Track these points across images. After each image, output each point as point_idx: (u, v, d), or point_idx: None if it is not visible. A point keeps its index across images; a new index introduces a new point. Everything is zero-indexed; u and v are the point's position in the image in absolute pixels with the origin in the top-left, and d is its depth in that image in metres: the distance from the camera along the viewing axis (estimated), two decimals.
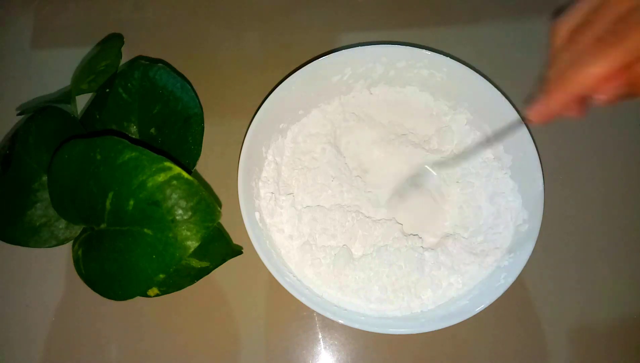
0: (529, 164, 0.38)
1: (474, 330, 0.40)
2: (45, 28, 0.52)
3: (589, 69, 0.24)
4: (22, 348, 0.40)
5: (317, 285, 0.38)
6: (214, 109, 0.46)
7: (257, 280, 0.41)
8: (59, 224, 0.39)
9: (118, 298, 0.34)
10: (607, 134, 0.46)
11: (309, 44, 0.49)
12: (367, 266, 0.38)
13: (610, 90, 0.24)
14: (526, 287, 0.41)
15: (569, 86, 0.25)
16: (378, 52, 0.42)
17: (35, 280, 0.42)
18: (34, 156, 0.39)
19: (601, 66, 0.24)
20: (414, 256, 0.39)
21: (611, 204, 0.44)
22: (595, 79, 0.24)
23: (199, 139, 0.40)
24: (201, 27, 0.51)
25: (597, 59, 0.24)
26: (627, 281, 0.41)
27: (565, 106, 0.26)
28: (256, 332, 0.40)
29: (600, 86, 0.24)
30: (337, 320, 0.34)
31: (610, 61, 0.24)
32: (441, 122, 0.44)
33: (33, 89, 0.48)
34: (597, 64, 0.24)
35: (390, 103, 0.45)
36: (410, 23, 0.51)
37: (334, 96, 0.44)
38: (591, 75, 0.24)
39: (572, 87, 0.25)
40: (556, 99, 0.26)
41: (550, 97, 0.26)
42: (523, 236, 0.37)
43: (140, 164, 0.32)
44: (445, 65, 0.41)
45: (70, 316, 0.41)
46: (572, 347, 0.39)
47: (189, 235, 0.32)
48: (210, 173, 0.44)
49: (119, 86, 0.42)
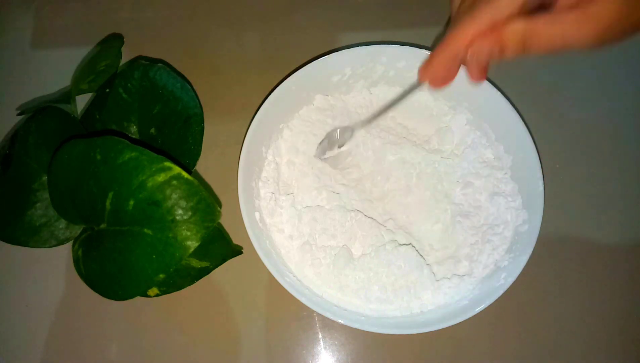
0: (529, 164, 0.38)
1: (474, 330, 0.40)
2: (45, 28, 0.52)
3: (460, 30, 0.26)
4: (22, 348, 0.40)
5: (317, 285, 0.38)
6: (214, 109, 0.46)
7: (257, 280, 0.41)
8: (59, 224, 0.39)
9: (118, 298, 0.34)
10: (607, 134, 0.46)
11: (309, 44, 0.49)
12: (367, 266, 0.38)
13: (480, 50, 0.26)
14: (526, 287, 0.41)
15: (447, 48, 0.27)
16: (378, 52, 0.42)
17: (35, 280, 0.42)
18: (34, 156, 0.39)
19: (470, 28, 0.25)
20: (413, 256, 0.39)
21: (611, 204, 0.44)
22: (465, 40, 0.26)
23: (199, 139, 0.40)
24: (201, 27, 0.51)
25: (468, 22, 0.26)
26: (627, 281, 0.41)
27: (447, 68, 0.28)
28: (256, 332, 0.40)
29: (472, 45, 0.26)
30: (337, 320, 0.34)
31: (477, 22, 0.25)
32: (441, 122, 0.44)
33: (33, 89, 0.48)
34: (467, 26, 0.26)
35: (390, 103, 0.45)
36: (410, 23, 0.51)
37: (334, 96, 0.44)
38: (463, 36, 0.26)
39: (449, 49, 0.27)
40: (438, 61, 0.28)
41: (432, 59, 0.28)
42: (523, 236, 0.37)
43: (140, 164, 0.32)
44: None
45: (70, 317, 0.41)
46: (572, 347, 0.39)
47: (189, 235, 0.32)
48: (210, 173, 0.44)
49: (119, 86, 0.42)
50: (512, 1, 0.24)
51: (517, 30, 0.24)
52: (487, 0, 0.25)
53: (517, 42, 0.25)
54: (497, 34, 0.25)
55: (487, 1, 0.25)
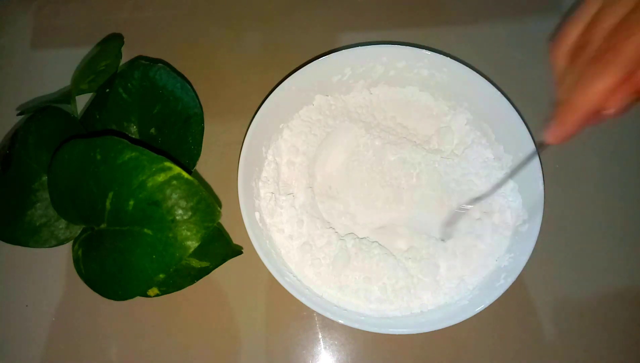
0: (529, 164, 0.38)
1: (474, 330, 0.40)
2: (45, 28, 0.52)
3: (593, 88, 0.25)
4: (22, 348, 0.40)
5: (317, 285, 0.38)
6: (214, 109, 0.46)
7: (257, 280, 0.41)
8: (59, 224, 0.39)
9: (118, 298, 0.34)
10: (607, 134, 0.46)
11: (309, 44, 0.49)
12: (367, 266, 0.38)
13: (617, 102, 0.25)
14: (526, 287, 0.41)
15: (578, 107, 0.26)
16: (378, 52, 0.42)
17: (35, 280, 0.42)
18: (34, 156, 0.39)
19: (603, 83, 0.25)
20: (413, 256, 0.39)
21: (611, 204, 0.44)
22: (600, 95, 0.25)
23: (199, 139, 0.40)
24: (201, 27, 0.51)
25: (599, 77, 0.25)
26: (627, 281, 0.41)
27: (579, 125, 0.27)
28: (256, 332, 0.40)
29: (607, 100, 0.25)
30: (337, 320, 0.34)
31: (611, 76, 0.25)
32: (441, 122, 0.44)
33: (33, 89, 0.48)
34: (600, 82, 0.25)
35: (390, 103, 0.45)
36: (410, 23, 0.51)
37: (334, 96, 0.44)
38: (596, 93, 0.25)
39: (581, 108, 0.26)
40: (569, 121, 0.27)
41: (563, 120, 0.27)
42: (523, 236, 0.37)
43: (140, 164, 0.32)
44: (445, 65, 0.41)
45: (70, 317, 0.41)
46: (572, 347, 0.39)
47: (189, 235, 0.32)
48: (210, 173, 0.44)
49: (119, 86, 0.42)
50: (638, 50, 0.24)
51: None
52: (611, 55, 0.25)
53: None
54: (633, 81, 0.25)
55: (613, 57, 0.25)
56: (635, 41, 0.24)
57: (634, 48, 0.24)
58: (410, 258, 0.39)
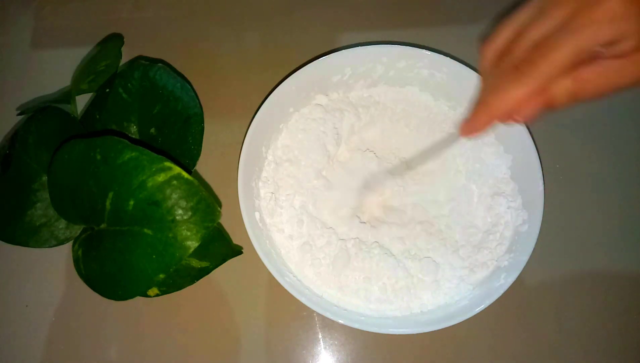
0: (529, 164, 0.38)
1: (474, 330, 0.40)
2: (45, 28, 0.52)
3: (507, 94, 0.27)
4: (22, 348, 0.40)
5: (317, 285, 0.38)
6: (214, 109, 0.46)
7: (257, 280, 0.41)
8: (59, 224, 0.39)
9: (118, 298, 0.34)
10: (607, 135, 0.46)
11: (309, 44, 0.49)
12: (367, 266, 0.38)
13: (527, 110, 0.27)
14: (526, 287, 0.41)
15: (490, 109, 0.28)
16: (378, 52, 0.42)
17: (35, 280, 0.42)
18: (34, 156, 0.39)
19: (517, 92, 0.26)
20: (413, 256, 0.39)
21: (611, 204, 0.44)
22: (512, 102, 0.27)
23: (199, 139, 0.40)
24: (201, 27, 0.51)
25: (514, 85, 0.26)
26: (627, 280, 0.41)
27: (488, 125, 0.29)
28: (256, 332, 0.40)
29: (519, 107, 0.27)
30: (337, 320, 0.34)
31: (525, 87, 0.26)
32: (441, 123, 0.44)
33: (33, 89, 0.48)
34: (514, 90, 0.27)
35: (390, 103, 0.45)
36: (410, 23, 0.51)
37: (334, 96, 0.44)
38: (509, 99, 0.27)
39: (493, 111, 0.28)
40: (480, 120, 0.29)
41: (474, 118, 0.29)
42: (523, 236, 0.37)
43: (140, 164, 0.32)
44: (445, 65, 0.41)
45: (70, 317, 0.41)
46: (572, 347, 0.39)
47: (189, 235, 0.32)
48: (210, 173, 0.44)
49: (119, 86, 0.42)
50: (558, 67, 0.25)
51: (566, 87, 0.26)
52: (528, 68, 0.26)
53: (566, 96, 0.26)
54: (545, 94, 0.26)
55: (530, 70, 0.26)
56: (552, 59, 0.25)
57: (550, 65, 0.25)
58: (410, 258, 0.39)
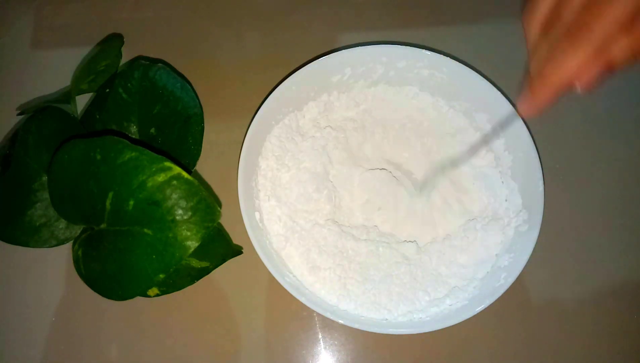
0: (529, 164, 0.38)
1: (474, 330, 0.40)
2: (45, 28, 0.52)
3: (565, 63, 0.25)
4: (22, 348, 0.40)
5: (317, 286, 0.38)
6: (214, 109, 0.46)
7: (257, 280, 0.41)
8: (59, 224, 0.39)
9: (118, 298, 0.34)
10: (607, 135, 0.46)
11: (309, 44, 0.49)
12: (367, 267, 0.38)
13: (588, 76, 0.26)
14: (526, 287, 0.41)
15: (549, 82, 0.27)
16: (378, 52, 0.42)
17: (35, 280, 0.42)
18: (34, 156, 0.39)
19: (575, 59, 0.25)
20: (414, 256, 0.39)
21: (611, 204, 0.44)
22: (572, 70, 0.25)
23: (199, 139, 0.40)
24: (201, 27, 0.51)
25: (571, 53, 0.25)
26: (627, 281, 0.41)
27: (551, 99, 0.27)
28: (256, 332, 0.40)
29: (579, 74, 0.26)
30: (337, 320, 0.34)
31: (582, 52, 0.25)
32: (441, 123, 0.44)
33: (33, 89, 0.48)
34: (572, 57, 0.25)
35: (390, 103, 0.45)
36: (410, 23, 0.51)
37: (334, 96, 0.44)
38: (568, 68, 0.25)
39: (552, 82, 0.27)
40: (541, 94, 0.27)
41: (535, 94, 0.28)
42: (523, 236, 0.37)
43: (140, 164, 0.32)
44: (445, 65, 0.41)
45: (70, 316, 0.41)
46: (572, 347, 0.39)
47: (189, 235, 0.32)
48: (210, 173, 0.44)
49: (119, 86, 0.42)
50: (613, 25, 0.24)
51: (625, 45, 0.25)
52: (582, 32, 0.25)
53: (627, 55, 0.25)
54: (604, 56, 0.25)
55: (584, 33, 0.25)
56: (605, 17, 0.24)
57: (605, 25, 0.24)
58: (411, 258, 0.39)
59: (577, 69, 0.25)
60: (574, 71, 0.25)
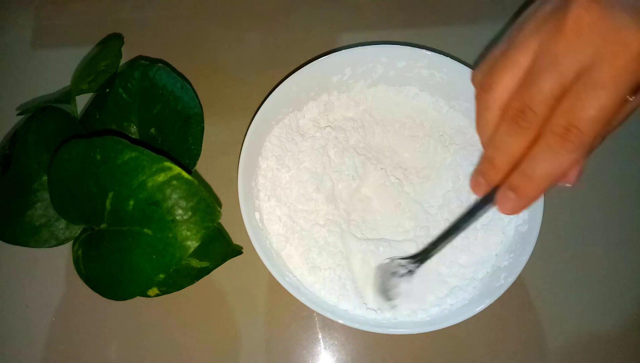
0: None
1: (474, 330, 0.40)
2: (45, 28, 0.52)
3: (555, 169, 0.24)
4: (22, 348, 0.40)
5: (317, 286, 0.38)
6: (214, 109, 0.46)
7: (257, 280, 0.41)
8: (59, 224, 0.39)
9: (118, 298, 0.34)
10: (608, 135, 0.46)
11: (309, 44, 0.49)
12: (368, 266, 0.38)
13: (577, 173, 0.25)
14: (526, 287, 0.41)
15: (539, 184, 0.25)
16: (378, 52, 0.42)
17: (35, 280, 0.42)
18: (34, 156, 0.39)
19: (566, 163, 0.24)
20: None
21: (611, 205, 0.44)
22: (562, 173, 0.24)
23: (199, 139, 0.40)
24: (201, 27, 0.51)
25: (561, 157, 0.24)
26: (626, 281, 0.41)
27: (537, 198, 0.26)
28: (256, 332, 0.40)
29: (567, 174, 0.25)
30: (337, 320, 0.34)
31: (576, 157, 0.24)
32: (441, 123, 0.44)
33: (33, 89, 0.48)
34: (563, 162, 0.24)
35: (390, 103, 0.45)
36: (410, 23, 0.51)
37: (334, 96, 0.44)
38: (559, 173, 0.24)
39: (543, 185, 0.25)
40: (530, 196, 0.26)
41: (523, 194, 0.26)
42: (523, 236, 0.37)
43: (140, 164, 0.32)
44: (445, 65, 0.41)
45: (70, 316, 0.41)
46: (571, 347, 0.39)
47: (189, 235, 0.32)
48: (210, 173, 0.44)
49: (119, 86, 0.42)
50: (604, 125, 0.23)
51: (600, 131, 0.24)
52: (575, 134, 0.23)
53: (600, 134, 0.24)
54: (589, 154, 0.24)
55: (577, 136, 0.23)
56: (590, 116, 0.22)
57: (592, 124, 0.22)
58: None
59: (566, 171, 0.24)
60: (564, 173, 0.24)
